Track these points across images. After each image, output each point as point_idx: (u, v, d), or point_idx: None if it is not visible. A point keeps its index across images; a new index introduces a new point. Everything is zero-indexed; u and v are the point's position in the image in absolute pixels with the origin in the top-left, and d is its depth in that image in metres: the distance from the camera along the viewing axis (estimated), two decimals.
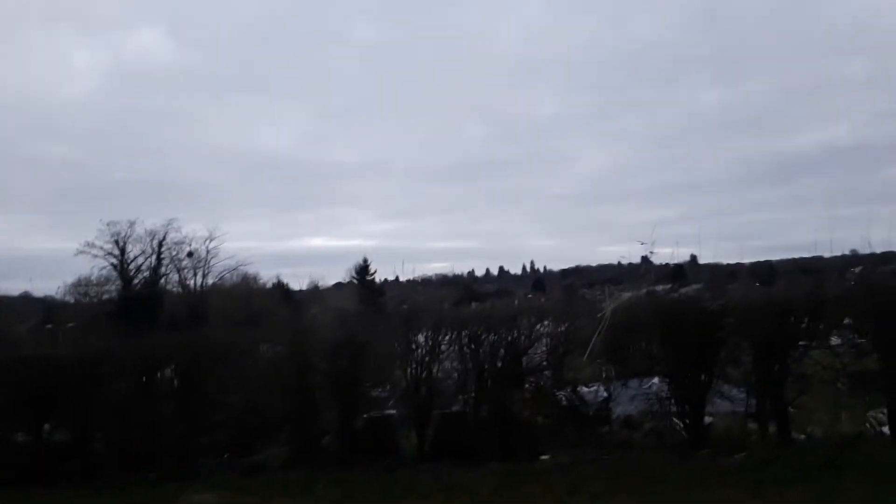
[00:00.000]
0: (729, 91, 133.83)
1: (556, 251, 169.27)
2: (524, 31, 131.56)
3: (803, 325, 14.44)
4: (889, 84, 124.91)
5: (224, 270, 36.85)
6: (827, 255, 40.43)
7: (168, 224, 34.07)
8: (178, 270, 36.26)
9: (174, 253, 35.46)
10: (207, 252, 36.27)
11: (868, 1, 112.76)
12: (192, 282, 36.63)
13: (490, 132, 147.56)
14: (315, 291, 43.38)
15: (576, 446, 14.26)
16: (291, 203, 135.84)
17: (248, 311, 26.96)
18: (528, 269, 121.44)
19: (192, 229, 36.94)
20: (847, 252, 36.00)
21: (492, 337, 15.10)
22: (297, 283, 44.35)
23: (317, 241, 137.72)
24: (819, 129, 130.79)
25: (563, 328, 16.34)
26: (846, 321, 15.20)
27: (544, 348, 16.05)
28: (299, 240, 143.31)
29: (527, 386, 15.61)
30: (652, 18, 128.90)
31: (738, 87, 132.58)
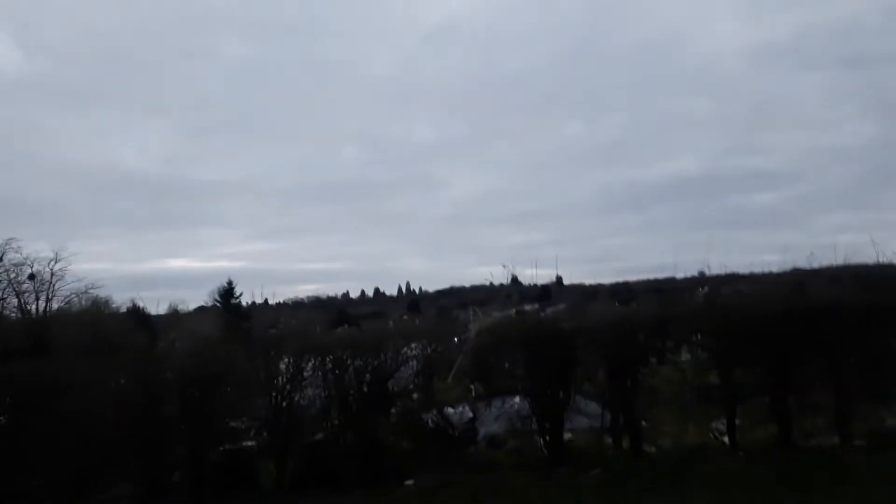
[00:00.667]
0: (591, 123, 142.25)
1: (431, 272, 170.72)
2: (400, 59, 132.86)
3: (651, 343, 15.35)
4: (728, 123, 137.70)
5: (71, 294, 33.68)
6: (678, 276, 43.60)
7: (6, 243, 30.68)
8: (18, 294, 32.72)
9: (13, 275, 32.00)
10: (52, 274, 32.95)
11: (711, 46, 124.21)
12: (33, 307, 33.25)
13: (365, 155, 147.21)
14: (174, 316, 40.88)
15: (442, 469, 14.20)
16: (150, 223, 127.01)
17: (97, 338, 24.79)
18: (404, 290, 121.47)
19: (34, 249, 33.31)
20: (695, 273, 38.97)
21: (357, 362, 14.80)
22: (155, 308, 41.77)
23: (178, 263, 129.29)
24: (670, 162, 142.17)
25: (431, 350, 16.37)
26: (694, 338, 16.22)
27: (412, 371, 15.97)
28: (158, 261, 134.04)
29: (393, 410, 15.42)
30: (521, 53, 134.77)
31: (600, 121, 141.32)
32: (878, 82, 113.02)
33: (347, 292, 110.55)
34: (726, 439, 14.69)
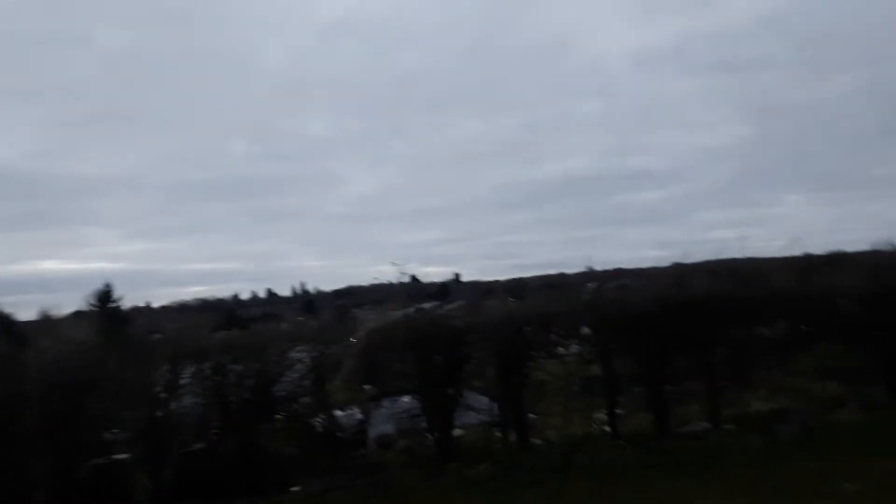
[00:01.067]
0: (486, 123, 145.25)
1: (328, 272, 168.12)
2: (292, 52, 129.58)
3: (539, 338, 15.68)
4: (616, 123, 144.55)
5: None
6: (569, 272, 45.17)
7: None
8: None
9: None
10: None
11: (598, 49, 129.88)
12: None
13: (256, 150, 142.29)
14: (46, 322, 37.88)
15: (330, 473, 13.87)
16: (17, 221, 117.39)
17: None
18: (299, 290, 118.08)
19: None
20: (584, 269, 40.46)
21: (239, 367, 14.19)
22: (24, 313, 38.53)
23: (50, 265, 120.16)
24: (562, 160, 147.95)
25: (320, 352, 15.94)
26: (583, 331, 16.66)
27: (299, 374, 15.49)
28: (28, 263, 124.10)
29: (279, 416, 14.90)
30: (418, 50, 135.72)
31: (494, 120, 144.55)
32: (751, 86, 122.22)
33: (238, 294, 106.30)
34: (608, 429, 15.22)
